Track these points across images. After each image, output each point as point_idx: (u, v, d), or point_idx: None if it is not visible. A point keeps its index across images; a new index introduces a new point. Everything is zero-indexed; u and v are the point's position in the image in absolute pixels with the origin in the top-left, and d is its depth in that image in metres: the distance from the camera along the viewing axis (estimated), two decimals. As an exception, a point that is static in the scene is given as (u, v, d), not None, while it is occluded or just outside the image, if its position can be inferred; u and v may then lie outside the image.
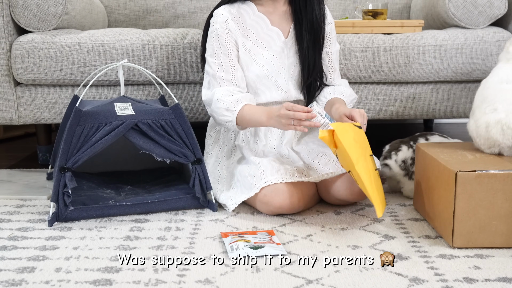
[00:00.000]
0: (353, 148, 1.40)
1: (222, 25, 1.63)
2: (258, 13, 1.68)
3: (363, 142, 1.46)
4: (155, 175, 1.89)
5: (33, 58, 1.95)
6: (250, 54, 1.66)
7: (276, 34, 1.68)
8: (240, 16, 1.66)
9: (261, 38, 1.67)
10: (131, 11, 2.58)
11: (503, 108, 1.41)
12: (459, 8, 2.01)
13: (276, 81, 1.68)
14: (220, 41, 1.63)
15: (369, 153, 1.48)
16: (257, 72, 1.66)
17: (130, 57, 1.96)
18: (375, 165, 1.49)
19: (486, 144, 1.45)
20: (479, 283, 1.16)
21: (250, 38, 1.66)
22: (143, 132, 1.56)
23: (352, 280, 1.17)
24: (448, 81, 2.05)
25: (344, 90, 1.74)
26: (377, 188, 1.43)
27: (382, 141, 1.96)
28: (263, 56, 1.66)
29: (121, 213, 1.57)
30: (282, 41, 1.68)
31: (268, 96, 1.68)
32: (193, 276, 1.19)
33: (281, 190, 1.52)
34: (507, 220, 1.32)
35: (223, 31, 1.63)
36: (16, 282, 1.17)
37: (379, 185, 1.47)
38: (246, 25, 1.67)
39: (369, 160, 1.46)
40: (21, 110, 2.02)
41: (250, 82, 1.67)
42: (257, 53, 1.66)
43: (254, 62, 1.66)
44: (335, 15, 2.59)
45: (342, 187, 1.58)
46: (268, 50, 1.67)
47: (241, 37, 1.65)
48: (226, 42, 1.63)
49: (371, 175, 1.42)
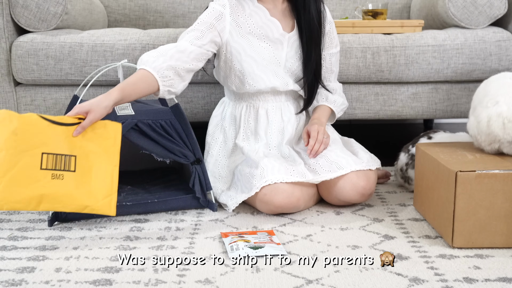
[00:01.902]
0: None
1: (218, 7, 1.64)
2: (257, 4, 1.69)
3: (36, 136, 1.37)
4: (155, 175, 1.89)
5: (33, 58, 1.95)
6: (246, 39, 1.66)
7: (274, 24, 1.69)
8: (239, 5, 1.68)
9: (259, 27, 1.68)
10: (131, 11, 2.58)
11: (505, 101, 1.39)
12: (459, 8, 2.01)
13: (273, 68, 1.68)
14: (209, 16, 1.63)
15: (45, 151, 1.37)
16: (255, 58, 1.66)
17: (130, 57, 1.96)
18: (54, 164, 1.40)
19: (486, 141, 1.44)
20: (479, 283, 1.16)
21: (248, 25, 1.67)
22: (143, 132, 1.56)
23: (352, 280, 1.17)
24: (448, 81, 2.05)
25: (336, 99, 1.77)
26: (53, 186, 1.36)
27: (382, 141, 1.97)
28: (259, 44, 1.67)
29: (121, 213, 1.57)
30: (280, 33, 1.69)
31: (267, 81, 1.68)
32: (193, 276, 1.19)
33: (281, 189, 1.52)
34: (507, 220, 1.32)
35: (217, 11, 1.64)
36: (16, 282, 1.17)
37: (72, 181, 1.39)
38: (245, 14, 1.67)
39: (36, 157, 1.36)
40: (21, 110, 2.01)
41: (247, 67, 1.67)
42: (253, 40, 1.67)
43: (252, 47, 1.67)
44: (335, 15, 2.59)
45: (345, 188, 1.58)
46: (265, 39, 1.68)
47: (235, 24, 1.65)
48: (214, 21, 1.62)
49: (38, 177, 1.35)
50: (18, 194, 1.33)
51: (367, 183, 1.59)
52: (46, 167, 1.36)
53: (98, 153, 1.42)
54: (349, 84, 2.04)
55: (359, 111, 2.05)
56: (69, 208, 1.38)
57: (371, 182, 1.60)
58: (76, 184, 1.38)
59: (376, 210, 1.62)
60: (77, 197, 1.38)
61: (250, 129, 1.73)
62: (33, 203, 1.35)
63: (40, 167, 1.35)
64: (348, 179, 1.58)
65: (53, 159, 1.37)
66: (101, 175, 1.41)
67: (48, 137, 1.37)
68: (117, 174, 1.43)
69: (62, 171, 1.37)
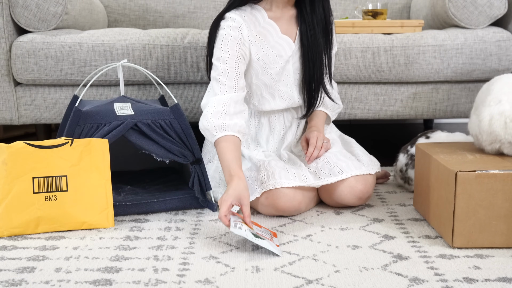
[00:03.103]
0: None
1: (235, 31, 1.57)
2: (268, 20, 1.64)
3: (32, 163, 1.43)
4: (155, 175, 1.89)
5: (33, 58, 1.95)
6: (261, 63, 1.63)
7: (286, 42, 1.65)
8: (252, 23, 1.62)
9: (272, 47, 1.64)
10: (131, 11, 2.58)
11: (508, 100, 1.38)
12: (459, 8, 2.01)
13: (281, 89, 1.67)
14: (230, 46, 1.57)
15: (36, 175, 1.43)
16: (266, 81, 1.65)
17: (130, 57, 1.95)
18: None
19: (487, 140, 1.42)
20: (479, 283, 1.16)
21: (261, 46, 1.63)
22: (142, 132, 1.56)
23: (352, 280, 1.17)
24: (448, 81, 2.05)
25: (331, 104, 1.75)
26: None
27: (382, 141, 1.97)
28: (274, 66, 1.64)
29: (121, 213, 1.57)
30: (292, 50, 1.66)
31: (273, 105, 1.68)
32: (193, 276, 1.19)
33: (282, 193, 1.52)
34: (507, 220, 1.32)
35: (235, 38, 1.58)
36: (16, 282, 1.17)
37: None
38: (257, 32, 1.63)
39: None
40: (21, 110, 2.02)
41: (256, 90, 1.67)
42: (269, 62, 1.64)
43: (265, 71, 1.64)
44: (335, 15, 2.59)
45: (343, 191, 1.58)
46: (279, 59, 1.65)
47: (254, 45, 1.62)
48: (237, 49, 1.58)
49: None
50: (15, 220, 1.42)
51: (365, 186, 1.59)
52: (38, 190, 1.43)
53: (88, 170, 1.47)
54: (349, 84, 2.04)
55: (359, 111, 2.05)
56: (67, 227, 1.45)
57: (369, 186, 1.60)
58: (71, 203, 1.45)
59: (376, 210, 1.62)
60: (73, 215, 1.45)
61: (251, 135, 1.73)
62: (31, 227, 1.43)
63: (33, 191, 1.42)
64: (347, 183, 1.58)
65: (44, 182, 1.43)
66: (95, 190, 1.47)
67: (36, 161, 1.43)
68: (110, 187, 1.49)
69: (54, 192, 1.44)
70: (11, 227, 1.42)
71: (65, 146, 1.45)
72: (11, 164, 1.41)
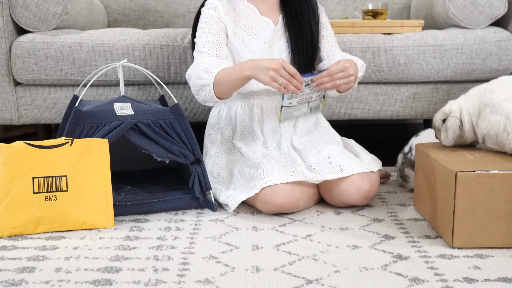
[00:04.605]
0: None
1: (211, 11, 1.68)
2: (247, 4, 1.72)
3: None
4: (155, 175, 1.89)
5: (33, 58, 1.95)
6: (240, 39, 1.69)
7: (266, 23, 1.71)
8: (230, 6, 1.70)
9: (251, 27, 1.70)
10: (131, 11, 2.58)
11: None
12: (459, 8, 2.01)
13: None
14: (209, 22, 1.67)
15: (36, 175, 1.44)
16: (247, 58, 1.67)
17: (130, 57, 1.96)
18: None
19: None
20: (479, 283, 1.16)
21: (240, 26, 1.70)
22: (142, 132, 1.56)
23: (352, 280, 1.17)
24: (448, 81, 2.05)
25: (352, 57, 1.73)
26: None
27: (382, 141, 1.97)
28: (254, 43, 1.69)
29: (121, 213, 1.57)
30: (272, 29, 1.71)
31: (260, 83, 1.68)
32: (193, 276, 1.19)
33: (281, 189, 1.52)
34: (507, 220, 1.32)
35: (212, 15, 1.67)
36: (16, 282, 1.17)
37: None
38: (236, 14, 1.70)
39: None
40: (21, 110, 2.02)
41: None
42: (248, 40, 1.69)
43: (245, 48, 1.68)
44: (335, 15, 2.59)
45: (349, 191, 1.58)
46: (258, 37, 1.70)
47: (231, 24, 1.68)
48: (215, 24, 1.66)
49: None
50: (15, 220, 1.42)
51: (371, 186, 1.59)
52: (38, 190, 1.43)
53: (88, 170, 1.47)
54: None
55: (359, 111, 2.05)
56: (67, 227, 1.46)
57: (374, 185, 1.60)
58: (71, 203, 1.45)
59: (376, 210, 1.62)
60: (73, 215, 1.45)
61: (246, 127, 1.73)
62: (31, 227, 1.43)
63: (33, 191, 1.42)
64: (352, 183, 1.58)
65: (44, 182, 1.43)
66: (94, 190, 1.47)
67: (36, 161, 1.43)
68: (110, 187, 1.49)
69: (54, 192, 1.44)
70: (11, 227, 1.42)
71: (65, 146, 1.45)
72: (11, 164, 1.41)
